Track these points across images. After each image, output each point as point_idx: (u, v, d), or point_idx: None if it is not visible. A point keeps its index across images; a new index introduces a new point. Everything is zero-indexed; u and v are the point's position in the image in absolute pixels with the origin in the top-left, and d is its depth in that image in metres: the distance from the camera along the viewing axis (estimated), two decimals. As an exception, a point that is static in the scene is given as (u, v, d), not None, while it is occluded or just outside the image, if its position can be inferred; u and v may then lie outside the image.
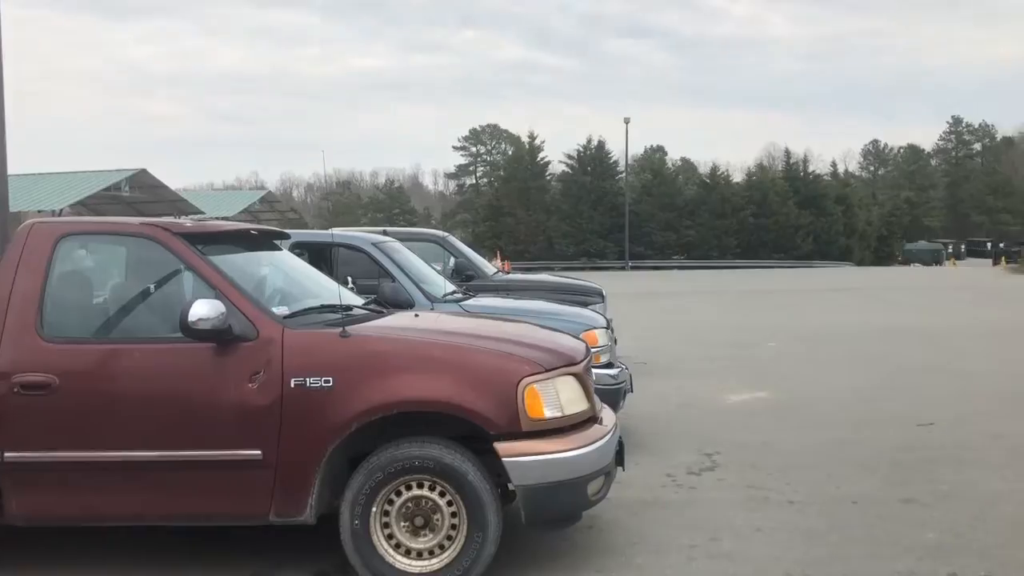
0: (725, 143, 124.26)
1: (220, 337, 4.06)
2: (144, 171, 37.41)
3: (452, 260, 10.15)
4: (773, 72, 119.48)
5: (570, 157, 60.74)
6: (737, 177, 62.22)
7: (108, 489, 4.17)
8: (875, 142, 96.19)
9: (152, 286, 4.57)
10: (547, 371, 4.17)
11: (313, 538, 4.56)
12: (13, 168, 13.16)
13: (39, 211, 31.22)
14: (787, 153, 62.54)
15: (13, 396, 4.08)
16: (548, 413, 4.11)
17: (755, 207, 56.50)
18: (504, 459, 4.01)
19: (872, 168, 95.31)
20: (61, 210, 32.09)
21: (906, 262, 59.16)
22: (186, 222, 4.81)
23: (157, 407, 4.13)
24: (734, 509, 5.35)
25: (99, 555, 4.69)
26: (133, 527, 4.64)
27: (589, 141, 59.74)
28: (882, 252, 61.23)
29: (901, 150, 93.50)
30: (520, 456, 4.01)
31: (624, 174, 59.64)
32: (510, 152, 72.88)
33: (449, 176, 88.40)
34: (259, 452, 4.04)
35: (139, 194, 37.86)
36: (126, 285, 4.70)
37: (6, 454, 4.09)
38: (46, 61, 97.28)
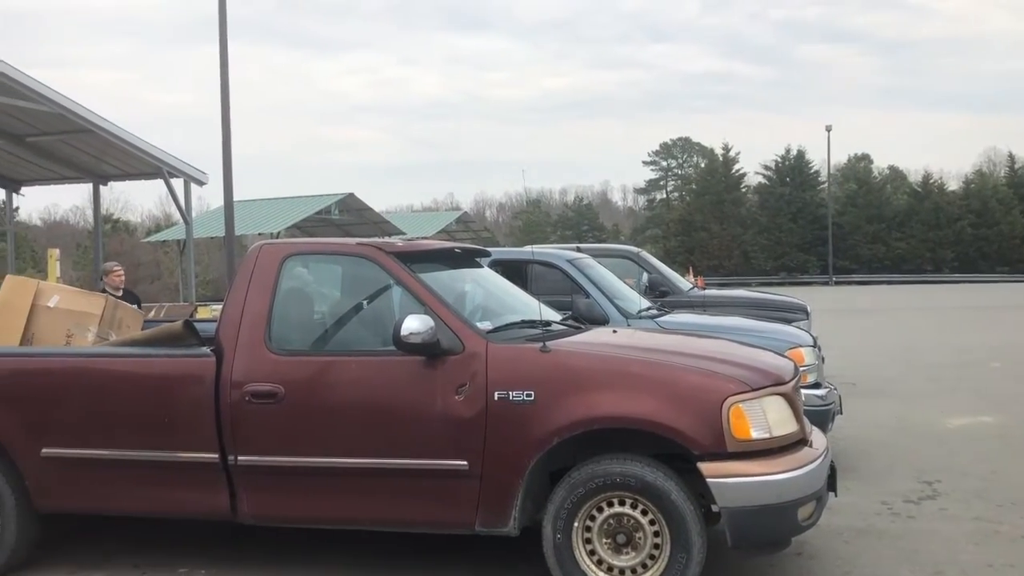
0: (937, 149, 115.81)
1: (429, 351, 4.22)
2: (352, 195, 39.73)
3: (645, 276, 10.03)
4: (991, 71, 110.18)
5: (767, 168, 58.84)
6: (952, 185, 57.99)
7: (326, 493, 4.42)
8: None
9: (365, 302, 4.84)
10: (753, 390, 4.04)
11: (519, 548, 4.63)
12: (235, 195, 14.44)
13: (259, 234, 33.87)
14: (1011, 158, 57.52)
15: (245, 404, 4.42)
16: (755, 434, 3.97)
17: (974, 216, 52.36)
18: (709, 480, 3.91)
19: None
20: (279, 233, 34.65)
21: None
22: (397, 242, 5.05)
23: (371, 416, 4.34)
24: (959, 542, 4.93)
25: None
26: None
27: (787, 151, 57.69)
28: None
29: None
30: (725, 477, 3.90)
31: (826, 184, 57.00)
32: (703, 165, 71.45)
33: (639, 191, 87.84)
34: (465, 463, 4.16)
35: (347, 217, 40.23)
36: (342, 301, 5.00)
37: (239, 458, 4.43)
38: (262, 94, 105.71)
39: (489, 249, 6.49)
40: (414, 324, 4.13)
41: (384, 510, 4.36)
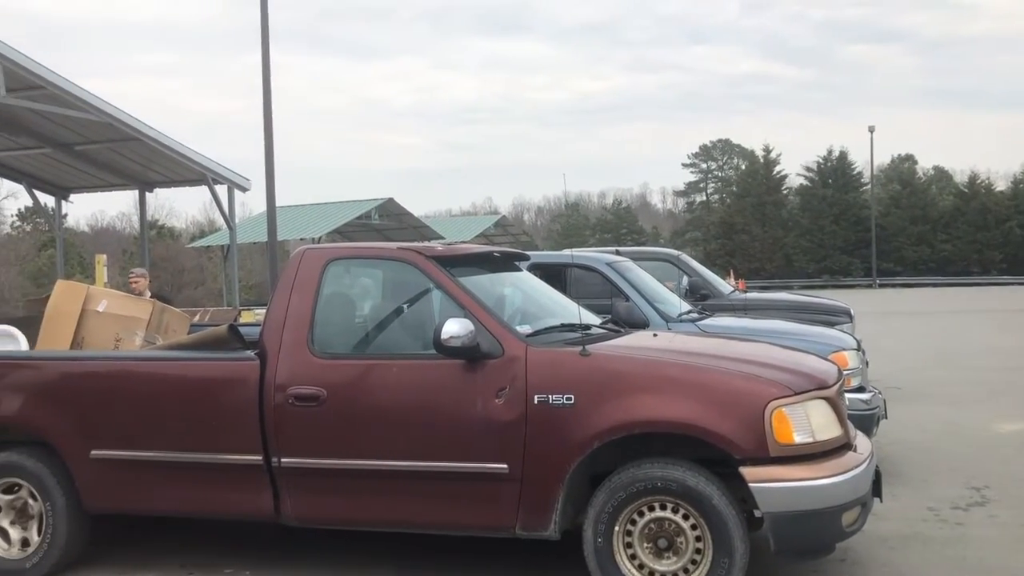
0: (984, 149, 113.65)
1: (469, 354, 4.24)
2: (391, 200, 40.00)
3: (686, 279, 9.95)
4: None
5: (809, 170, 58.19)
6: (1001, 185, 56.75)
7: (367, 495, 4.45)
8: None
9: (406, 305, 4.87)
10: (796, 394, 4.00)
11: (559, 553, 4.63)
12: (277, 201, 14.64)
13: (301, 239, 34.24)
14: (1061, 156, 56.14)
15: (288, 407, 4.48)
16: (798, 438, 3.93)
17: (1023, 217, 51.17)
18: (751, 484, 3.88)
19: None
20: (320, 238, 35.00)
21: None
22: (436, 246, 5.09)
23: (411, 419, 4.37)
24: (1011, 550, 4.83)
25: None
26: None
27: (830, 152, 57.02)
28: None
29: None
30: (768, 482, 3.86)
31: (869, 185, 56.17)
32: (743, 167, 70.91)
33: (678, 194, 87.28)
34: (505, 466, 4.17)
35: (386, 221, 40.51)
36: (383, 305, 5.05)
37: (282, 460, 4.49)
38: (302, 100, 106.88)
39: (528, 253, 6.50)
40: (454, 328, 4.15)
41: (424, 512, 4.38)
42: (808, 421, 3.97)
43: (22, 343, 6.08)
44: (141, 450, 4.68)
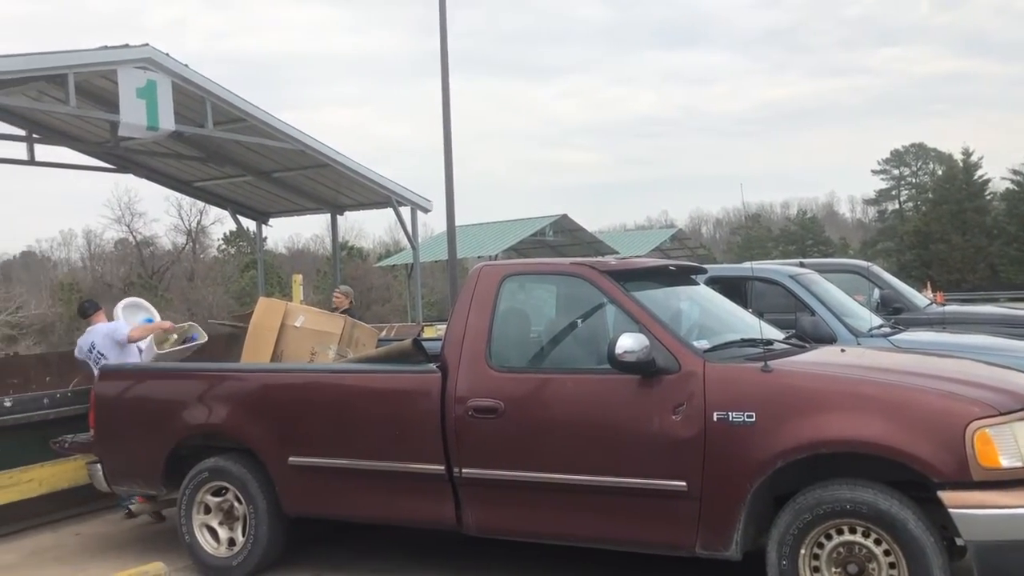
0: None
1: (644, 369, 4.20)
2: (565, 216, 40.34)
3: (877, 292, 9.43)
4: None
5: (1016, 173, 53.59)
6: None
7: (544, 508, 4.49)
8: None
9: (580, 320, 4.90)
10: (1002, 414, 3.70)
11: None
12: (455, 220, 15.11)
13: (478, 257, 35.15)
14: None
15: (468, 418, 4.60)
16: (1005, 462, 3.63)
17: None
18: (951, 510, 3.62)
19: None
20: (496, 255, 35.82)
21: None
22: (610, 260, 5.09)
23: (587, 434, 4.38)
24: None
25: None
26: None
27: (1040, 153, 52.23)
28: None
29: None
30: (971, 508, 3.59)
31: (1088, 187, 51.09)
32: (940, 172, 66.31)
33: (868, 202, 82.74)
34: (683, 484, 4.10)
35: (561, 238, 40.87)
36: (557, 320, 5.09)
37: (463, 470, 4.61)
38: (479, 121, 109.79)
39: (705, 266, 6.38)
40: (628, 342, 4.13)
41: (602, 527, 4.37)
42: (1016, 444, 3.66)
43: (154, 313, 6.83)
44: (333, 457, 4.94)
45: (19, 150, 12.93)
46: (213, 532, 5.30)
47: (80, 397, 6.57)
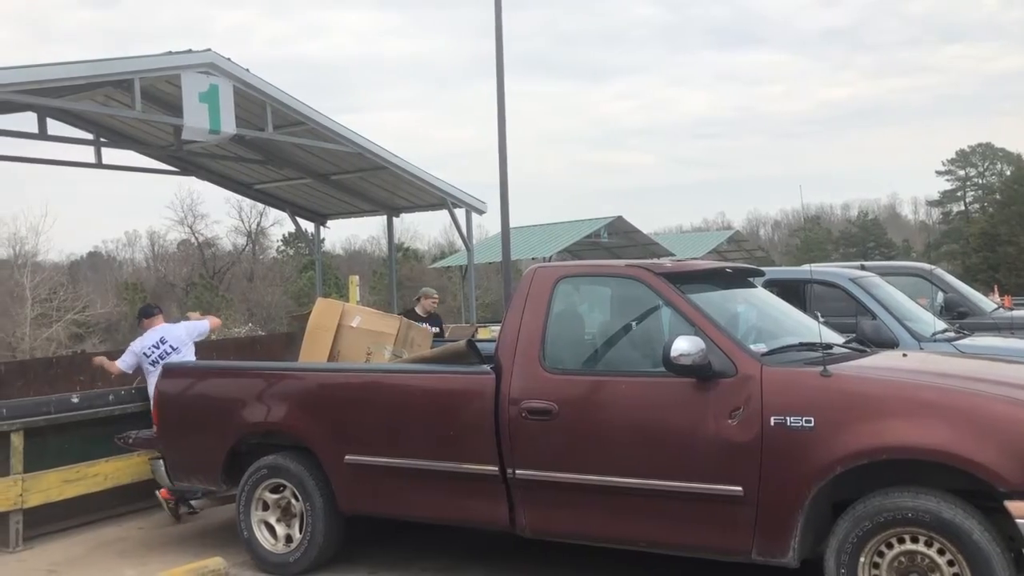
0: None
1: (700, 373, 4.16)
2: (620, 218, 40.09)
3: (941, 295, 9.21)
4: None
5: (1088, 173, 51.76)
6: None
7: (599, 511, 4.47)
8: None
9: (634, 323, 4.86)
10: (1073, 422, 3.57)
11: None
12: (510, 222, 15.15)
13: (532, 258, 35.14)
14: None
15: (521, 420, 4.60)
16: (1076, 471, 3.51)
17: None
18: (1018, 520, 3.52)
19: None
20: (550, 257, 35.76)
21: None
22: (666, 262, 5.05)
23: (642, 437, 4.35)
24: None
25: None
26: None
27: (1116, 151, 50.37)
28: None
29: None
30: (1040, 519, 3.47)
31: None
32: (1008, 172, 64.37)
33: (932, 204, 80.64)
34: (740, 488, 4.04)
35: (616, 240, 40.63)
36: (611, 322, 5.07)
37: (517, 471, 4.62)
38: (534, 123, 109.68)
39: (763, 268, 6.28)
40: (684, 345, 4.10)
41: (656, 531, 4.34)
42: (1090, 453, 3.53)
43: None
44: (388, 456, 4.99)
45: (87, 153, 13.34)
46: (271, 528, 5.40)
47: (142, 394, 6.79)
